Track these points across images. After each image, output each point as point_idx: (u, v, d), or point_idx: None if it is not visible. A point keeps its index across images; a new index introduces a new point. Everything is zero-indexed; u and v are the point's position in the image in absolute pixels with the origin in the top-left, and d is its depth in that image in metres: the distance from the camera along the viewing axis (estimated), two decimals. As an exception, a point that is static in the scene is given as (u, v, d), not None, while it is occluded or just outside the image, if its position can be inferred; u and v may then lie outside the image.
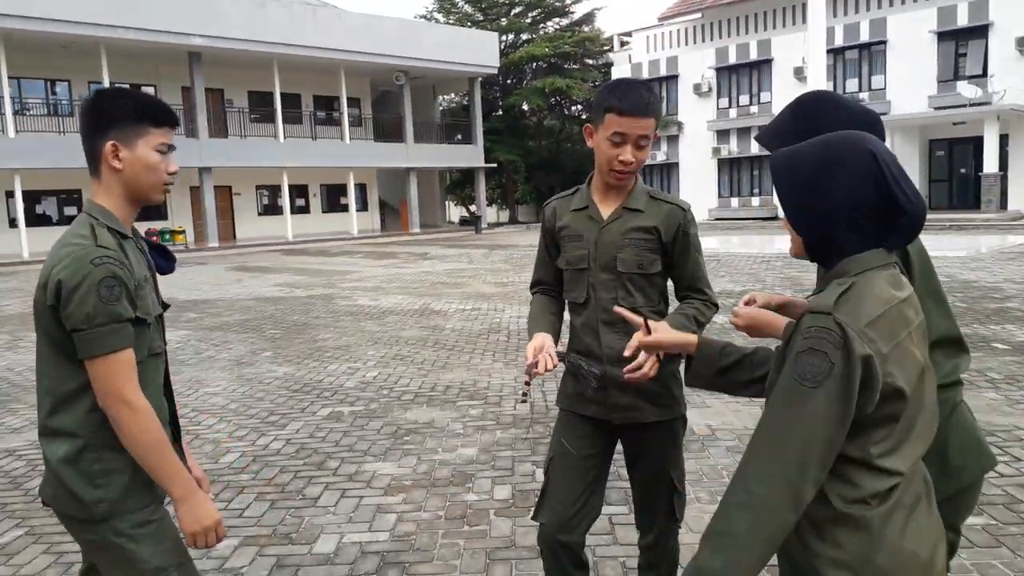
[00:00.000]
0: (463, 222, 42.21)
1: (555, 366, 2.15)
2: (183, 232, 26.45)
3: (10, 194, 24.50)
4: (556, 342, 2.27)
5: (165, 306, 1.90)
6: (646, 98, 2.15)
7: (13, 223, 24.57)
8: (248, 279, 16.19)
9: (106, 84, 24.73)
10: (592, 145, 2.24)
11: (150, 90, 28.45)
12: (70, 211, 26.69)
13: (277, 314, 10.92)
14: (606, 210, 2.31)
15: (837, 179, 1.37)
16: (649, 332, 1.89)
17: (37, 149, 23.30)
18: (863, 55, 29.84)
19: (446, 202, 41.75)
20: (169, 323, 10.37)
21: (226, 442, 5.04)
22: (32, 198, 25.36)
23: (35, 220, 25.34)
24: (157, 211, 28.74)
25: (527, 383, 2.16)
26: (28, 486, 4.37)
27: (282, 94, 29.08)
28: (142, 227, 26.63)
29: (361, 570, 3.22)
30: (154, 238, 21.42)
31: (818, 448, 1.29)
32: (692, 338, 1.79)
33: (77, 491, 1.69)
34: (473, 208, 40.10)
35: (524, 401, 2.64)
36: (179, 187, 28.85)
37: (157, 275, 1.93)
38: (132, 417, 1.66)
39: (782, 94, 30.94)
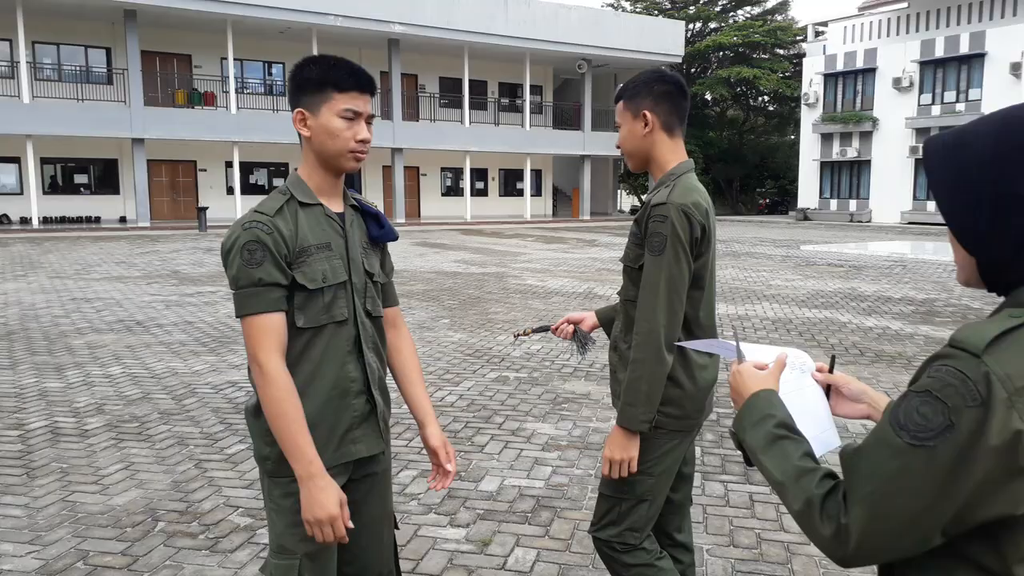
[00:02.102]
0: (633, 211, 42.13)
1: (566, 337, 2.46)
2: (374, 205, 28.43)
3: (229, 164, 27.44)
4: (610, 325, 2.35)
5: (370, 274, 1.84)
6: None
7: (230, 191, 27.55)
8: (430, 254, 17.32)
9: (315, 67, 27.05)
10: None
11: (352, 74, 30.73)
12: (278, 182, 29.49)
13: (454, 287, 11.72)
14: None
15: None
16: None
17: (253, 124, 25.96)
18: (1098, 50, 26.72)
19: (618, 191, 41.83)
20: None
21: (407, 392, 5.71)
22: (246, 169, 28.24)
23: (248, 189, 28.21)
24: (349, 186, 31.06)
25: (529, 331, 2.52)
26: (249, 410, 5.21)
27: (470, 81, 30.42)
28: (337, 200, 28.97)
29: (518, 508, 3.68)
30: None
31: (898, 513, 0.93)
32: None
33: (255, 444, 1.78)
34: (645, 198, 39.92)
35: (516, 336, 2.67)
36: (373, 165, 31.02)
37: (375, 243, 1.90)
38: (262, 381, 1.65)
39: (995, 92, 28.34)
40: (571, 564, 3.13)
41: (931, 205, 31.27)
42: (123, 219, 26.46)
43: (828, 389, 1.35)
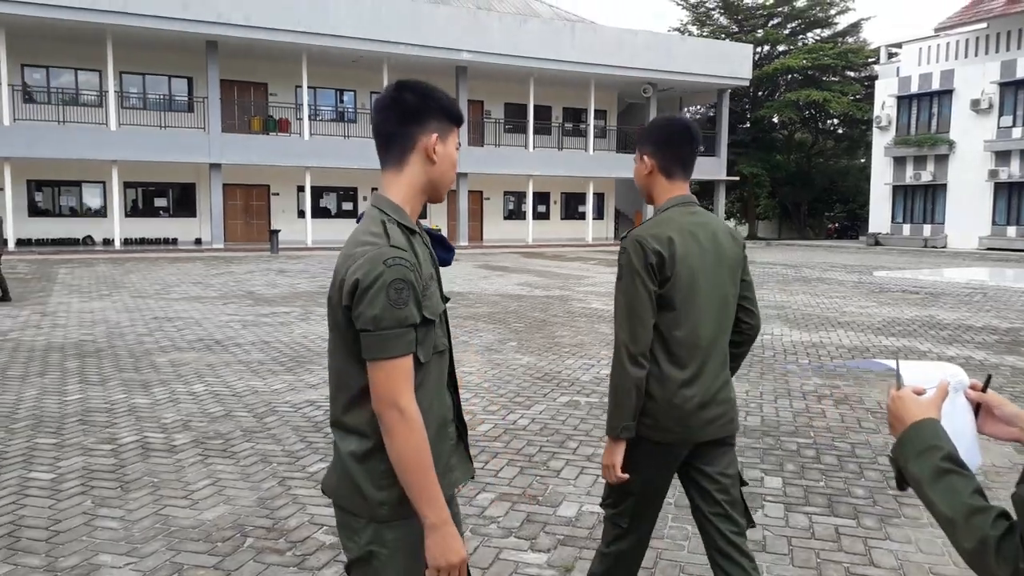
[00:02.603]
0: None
1: None
2: (439, 230, 28.79)
3: (300, 188, 28.23)
4: None
5: (446, 299, 1.82)
6: None
7: (301, 214, 28.31)
8: (494, 277, 17.44)
9: (384, 94, 27.71)
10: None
11: (419, 100, 31.54)
12: (346, 206, 30.20)
13: (519, 310, 11.77)
14: None
15: None
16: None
17: (324, 150, 26.70)
18: None
19: (684, 215, 41.43)
20: (427, 310, 11.60)
21: (481, 414, 5.75)
22: (317, 193, 28.99)
23: (318, 212, 28.92)
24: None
25: None
26: (327, 429, 5.32)
27: (535, 106, 30.70)
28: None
29: (599, 535, 3.64)
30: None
31: None
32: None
33: (363, 488, 1.65)
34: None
35: None
36: (437, 189, 31.50)
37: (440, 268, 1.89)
38: (402, 425, 1.57)
39: (1083, 112, 27.24)
40: (655, 593, 3.10)
41: (1012, 230, 30.12)
42: (198, 241, 27.43)
43: (978, 407, 1.33)
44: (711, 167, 34.43)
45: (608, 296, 13.74)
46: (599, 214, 35.68)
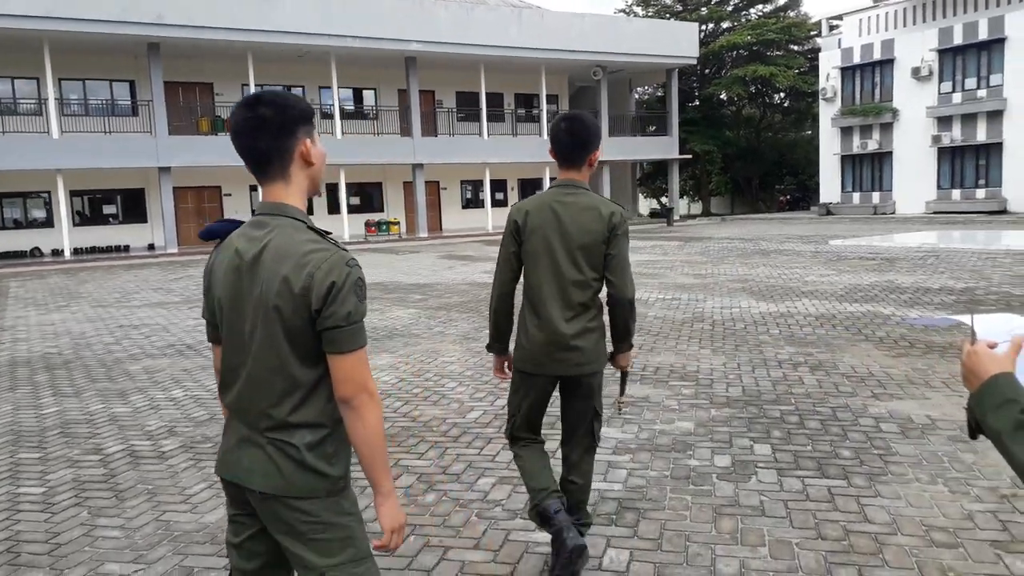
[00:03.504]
0: (653, 214, 42.16)
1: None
2: (398, 223, 28.70)
3: (253, 188, 27.78)
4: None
5: None
6: None
7: (254, 214, 27.81)
8: (459, 266, 17.42)
9: (335, 89, 27.32)
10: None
11: (370, 94, 31.16)
12: (301, 203, 29.80)
13: (489, 298, 11.79)
14: None
15: None
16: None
17: (277, 148, 26.26)
18: (1121, 29, 26.42)
19: (637, 194, 41.85)
20: (399, 303, 11.58)
21: (469, 402, 5.79)
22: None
23: (273, 211, 28.49)
24: (371, 204, 31.40)
25: (624, 400, 3.57)
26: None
27: (487, 94, 30.62)
28: (362, 218, 29.26)
29: (603, 510, 3.73)
30: (371, 229, 23.61)
31: None
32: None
33: (323, 469, 1.77)
34: (665, 200, 39.97)
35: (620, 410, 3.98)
36: (394, 182, 31.29)
37: None
38: (371, 406, 1.73)
39: (1017, 76, 28.13)
40: (666, 563, 3.18)
41: (956, 193, 31.05)
42: (151, 246, 26.85)
43: None
44: (663, 146, 34.79)
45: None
46: (556, 198, 35.83)
